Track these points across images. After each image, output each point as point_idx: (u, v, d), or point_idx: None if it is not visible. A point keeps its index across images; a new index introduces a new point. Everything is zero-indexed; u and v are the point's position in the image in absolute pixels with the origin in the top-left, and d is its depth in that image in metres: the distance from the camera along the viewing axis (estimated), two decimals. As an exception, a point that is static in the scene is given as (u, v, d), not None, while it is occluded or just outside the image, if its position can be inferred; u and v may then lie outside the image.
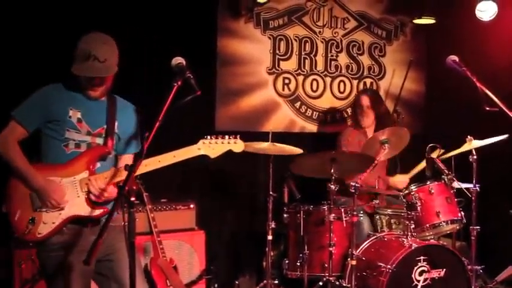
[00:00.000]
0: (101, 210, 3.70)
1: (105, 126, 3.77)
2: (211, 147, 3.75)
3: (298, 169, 5.34)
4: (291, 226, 5.43)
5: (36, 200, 3.64)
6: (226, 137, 3.80)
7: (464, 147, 5.35)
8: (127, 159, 3.89)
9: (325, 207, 5.23)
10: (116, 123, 3.81)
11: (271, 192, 5.31)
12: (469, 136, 5.35)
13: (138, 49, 5.65)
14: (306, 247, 5.24)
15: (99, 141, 3.76)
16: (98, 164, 3.74)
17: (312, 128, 6.86)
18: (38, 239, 3.64)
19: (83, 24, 4.34)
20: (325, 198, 5.26)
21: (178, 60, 3.44)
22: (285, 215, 5.43)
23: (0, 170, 3.72)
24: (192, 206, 5.86)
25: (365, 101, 6.02)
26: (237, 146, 3.81)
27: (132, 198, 3.04)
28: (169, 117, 3.18)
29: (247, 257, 6.36)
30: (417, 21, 6.92)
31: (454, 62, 4.20)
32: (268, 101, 6.64)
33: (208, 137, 3.77)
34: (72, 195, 3.66)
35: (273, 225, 5.32)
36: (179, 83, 3.28)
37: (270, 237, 5.33)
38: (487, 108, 3.98)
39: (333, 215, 5.08)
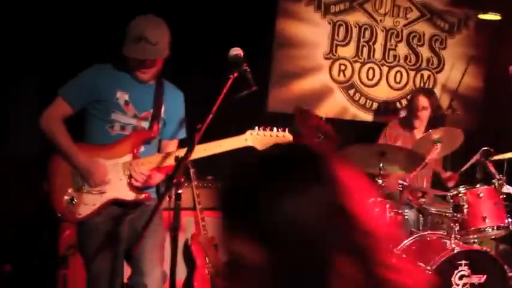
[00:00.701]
0: (143, 196, 3.71)
1: (151, 110, 3.75)
2: (258, 139, 3.73)
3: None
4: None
5: (78, 178, 3.64)
6: (275, 129, 3.79)
7: (520, 151, 5.24)
8: (171, 145, 3.88)
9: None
10: (163, 108, 3.79)
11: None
12: (525, 141, 5.23)
13: (195, 31, 5.62)
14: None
15: (145, 124, 3.74)
16: (142, 148, 3.74)
17: (364, 116, 6.79)
18: (77, 220, 3.67)
19: (138, 7, 4.35)
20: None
21: (236, 50, 3.38)
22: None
23: (43, 148, 3.73)
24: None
25: (422, 101, 5.92)
26: (286, 139, 3.78)
27: (180, 191, 3.04)
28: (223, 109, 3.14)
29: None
30: (482, 16, 6.75)
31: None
32: (322, 86, 6.58)
33: (256, 128, 3.76)
34: (115, 177, 3.65)
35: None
36: (235, 75, 3.24)
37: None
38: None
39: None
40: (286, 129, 3.80)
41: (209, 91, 3.33)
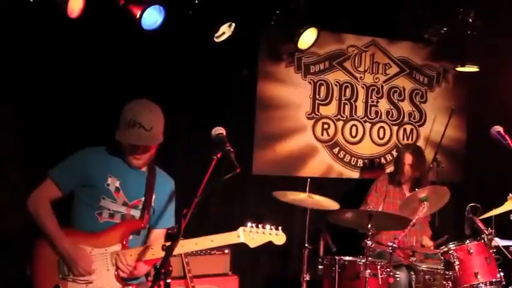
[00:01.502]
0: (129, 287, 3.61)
1: (142, 199, 3.66)
2: (251, 236, 3.68)
3: (335, 220, 5.31)
4: (326, 279, 5.36)
5: (64, 266, 3.52)
6: (267, 226, 3.74)
7: (506, 206, 5.22)
8: (159, 233, 3.78)
9: (361, 262, 5.14)
10: (154, 196, 3.71)
11: (306, 245, 5.26)
12: (510, 194, 5.23)
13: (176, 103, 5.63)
14: (340, 301, 5.18)
15: (134, 212, 3.66)
16: (130, 237, 3.64)
17: (350, 173, 6.81)
18: None
19: (128, 89, 4.33)
20: (361, 252, 5.18)
21: (218, 130, 3.30)
22: (319, 267, 5.37)
23: (28, 228, 3.63)
24: (226, 251, 5.82)
25: (408, 159, 5.97)
26: (278, 238, 3.77)
27: (168, 280, 2.98)
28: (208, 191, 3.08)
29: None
30: (460, 68, 6.83)
31: (499, 133, 4.12)
32: (306, 146, 6.61)
33: (249, 224, 3.70)
34: (102, 267, 3.54)
35: (307, 278, 5.27)
36: (218, 156, 3.15)
37: (304, 290, 5.29)
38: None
39: (369, 271, 5.00)
40: (279, 228, 3.77)
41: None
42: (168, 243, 3.25)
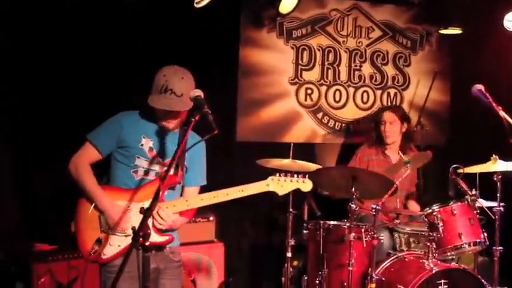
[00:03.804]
0: (166, 238, 3.81)
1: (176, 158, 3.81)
2: (279, 184, 3.84)
3: (318, 184, 5.30)
4: (311, 243, 5.37)
5: (104, 221, 3.73)
6: (295, 175, 3.89)
7: (489, 166, 5.23)
8: (193, 190, 3.97)
9: (346, 226, 5.15)
10: (186, 156, 3.85)
11: (291, 210, 5.26)
12: (494, 155, 5.23)
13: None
14: (325, 265, 5.18)
15: (169, 171, 3.76)
16: (166, 193, 3.81)
17: (334, 139, 6.79)
18: (102, 261, 3.74)
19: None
20: (346, 216, 5.19)
21: (196, 92, 3.43)
22: (304, 232, 5.37)
23: (71, 189, 3.82)
24: (211, 218, 5.85)
25: (387, 116, 5.95)
26: (305, 185, 3.92)
27: (147, 243, 3.01)
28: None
29: (266, 270, 6.34)
30: (443, 31, 6.82)
31: (480, 91, 4.11)
32: (290, 112, 6.58)
33: (277, 174, 3.85)
34: (139, 220, 3.62)
35: (292, 242, 5.28)
36: (197, 118, 3.27)
37: (289, 255, 5.30)
38: (512, 141, 3.89)
39: (353, 234, 5.00)
40: (306, 176, 3.91)
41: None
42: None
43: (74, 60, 5.48)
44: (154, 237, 3.71)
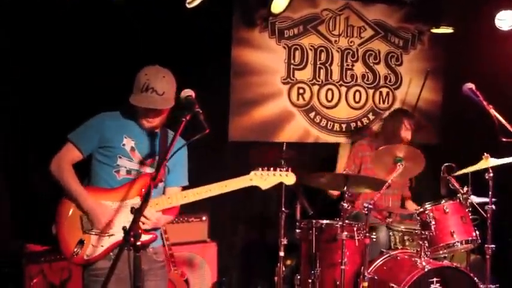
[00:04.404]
0: (150, 236, 3.76)
1: (157, 157, 3.81)
2: (263, 178, 3.83)
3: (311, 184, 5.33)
4: (303, 242, 5.38)
5: (87, 221, 3.69)
6: (278, 169, 3.87)
7: (481, 165, 5.24)
8: (174, 190, 3.92)
9: (338, 225, 5.15)
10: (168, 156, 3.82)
11: (283, 209, 5.26)
12: (485, 153, 5.24)
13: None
14: (317, 264, 5.20)
15: (150, 170, 3.80)
16: None
17: (326, 138, 6.80)
18: (84, 262, 3.70)
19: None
20: (338, 215, 5.20)
21: (187, 92, 3.45)
22: (297, 231, 5.38)
23: (51, 190, 3.81)
24: (204, 218, 5.85)
25: (407, 124, 5.92)
26: (289, 178, 3.90)
27: (138, 243, 3.00)
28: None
29: (259, 270, 6.35)
30: (435, 30, 6.84)
31: (470, 90, 4.13)
32: (282, 111, 6.58)
33: (260, 168, 3.84)
34: (123, 219, 3.67)
35: (285, 242, 5.27)
36: (188, 117, 3.28)
37: (281, 254, 5.29)
38: (503, 140, 3.90)
39: (346, 233, 5.02)
40: (289, 169, 3.89)
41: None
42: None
43: (73, 60, 5.47)
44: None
